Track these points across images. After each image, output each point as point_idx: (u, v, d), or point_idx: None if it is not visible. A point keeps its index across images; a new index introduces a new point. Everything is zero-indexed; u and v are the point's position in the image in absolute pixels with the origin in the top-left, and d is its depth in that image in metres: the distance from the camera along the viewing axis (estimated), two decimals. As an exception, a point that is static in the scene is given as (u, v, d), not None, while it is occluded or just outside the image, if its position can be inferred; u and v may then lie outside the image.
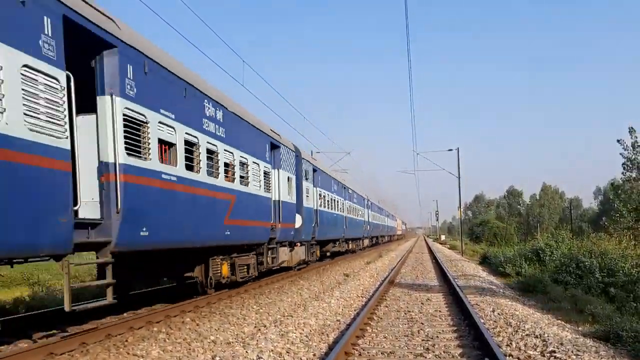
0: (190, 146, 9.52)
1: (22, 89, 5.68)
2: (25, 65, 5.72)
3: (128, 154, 7.53)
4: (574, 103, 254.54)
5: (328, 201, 24.12)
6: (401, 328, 8.66)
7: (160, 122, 8.46)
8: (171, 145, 8.88)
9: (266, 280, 15.81)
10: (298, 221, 17.52)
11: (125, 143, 7.48)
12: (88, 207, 7.24)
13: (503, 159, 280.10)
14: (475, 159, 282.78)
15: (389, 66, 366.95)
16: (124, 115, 7.47)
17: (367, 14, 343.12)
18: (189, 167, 9.41)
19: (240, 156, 12.11)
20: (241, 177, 12.18)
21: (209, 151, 10.35)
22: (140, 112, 7.85)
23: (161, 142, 8.55)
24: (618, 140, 61.90)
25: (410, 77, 72.94)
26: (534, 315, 10.12)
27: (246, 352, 6.82)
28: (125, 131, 7.47)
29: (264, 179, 13.89)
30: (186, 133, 9.32)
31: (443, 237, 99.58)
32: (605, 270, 15.47)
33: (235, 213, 11.64)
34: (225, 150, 11.17)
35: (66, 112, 6.35)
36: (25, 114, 5.68)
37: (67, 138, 6.32)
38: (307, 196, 19.33)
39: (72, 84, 6.52)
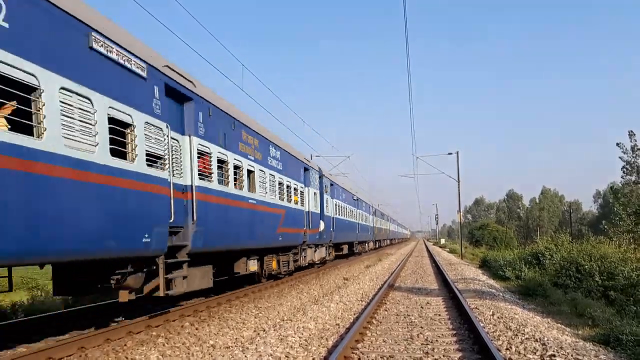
0: (236, 168, 11.77)
1: (145, 136, 7.86)
2: (146, 122, 7.91)
3: (200, 178, 9.61)
4: (574, 105, 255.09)
5: (342, 210, 28.35)
6: (401, 332, 8.64)
7: (218, 152, 10.67)
8: (223, 167, 11.01)
9: (265, 285, 15.81)
10: (320, 227, 21.56)
11: (198, 170, 9.61)
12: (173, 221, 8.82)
13: (503, 162, 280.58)
14: (475, 162, 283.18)
15: (389, 68, 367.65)
16: (198, 149, 9.67)
17: (367, 16, 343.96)
18: (220, 182, 11.12)
19: (287, 181, 16.24)
20: (287, 195, 16.15)
21: (248, 172, 12.72)
22: (206, 146, 10.08)
23: (219, 166, 10.75)
24: (617, 144, 61.97)
25: (409, 79, 73.07)
26: (534, 319, 10.10)
27: (245, 356, 6.81)
28: (198, 161, 9.63)
29: (300, 195, 17.95)
30: (234, 159, 11.68)
31: (443, 241, 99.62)
32: (605, 274, 15.44)
33: (285, 223, 15.49)
34: (280, 177, 15.13)
35: (167, 151, 8.45)
36: (146, 158, 7.82)
37: (167, 169, 8.43)
38: (327, 206, 23.71)
39: (170, 130, 8.64)
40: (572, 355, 6.75)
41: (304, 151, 23.69)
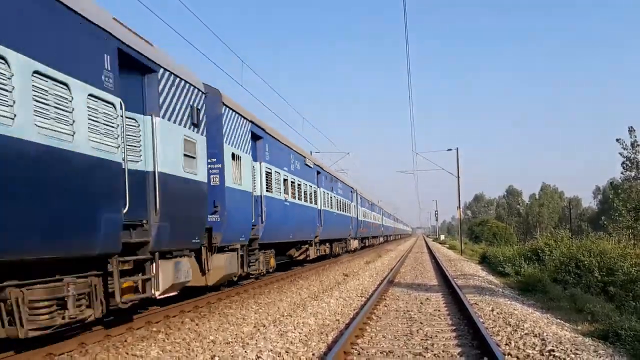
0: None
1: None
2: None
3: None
4: (572, 102, 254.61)
5: (342, 207, 30.48)
6: (400, 327, 8.66)
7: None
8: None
9: (265, 281, 15.83)
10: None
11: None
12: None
13: (502, 158, 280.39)
14: (475, 158, 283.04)
15: (389, 66, 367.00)
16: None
17: (366, 15, 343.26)
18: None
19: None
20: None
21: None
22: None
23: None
24: (617, 140, 62.01)
25: (409, 77, 73.08)
26: (533, 315, 10.12)
27: (245, 351, 6.83)
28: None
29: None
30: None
31: (442, 237, 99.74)
32: (604, 270, 15.46)
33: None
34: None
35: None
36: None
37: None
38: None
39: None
40: (571, 350, 6.77)
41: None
